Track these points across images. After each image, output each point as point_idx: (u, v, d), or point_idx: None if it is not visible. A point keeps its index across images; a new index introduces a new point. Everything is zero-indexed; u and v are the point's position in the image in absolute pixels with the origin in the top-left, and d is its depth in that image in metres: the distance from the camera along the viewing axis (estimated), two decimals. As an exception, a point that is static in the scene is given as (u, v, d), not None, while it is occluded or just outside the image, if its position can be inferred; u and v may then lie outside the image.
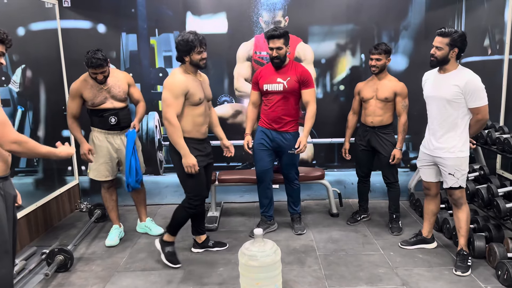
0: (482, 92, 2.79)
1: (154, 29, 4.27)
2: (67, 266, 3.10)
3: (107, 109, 3.40)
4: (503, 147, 3.36)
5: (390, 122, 3.63)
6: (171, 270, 3.11)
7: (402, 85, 3.54)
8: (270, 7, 4.21)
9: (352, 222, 3.91)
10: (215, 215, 4.03)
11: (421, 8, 4.21)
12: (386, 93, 3.52)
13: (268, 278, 2.49)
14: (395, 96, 3.53)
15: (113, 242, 3.52)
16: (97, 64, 3.19)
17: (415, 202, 4.19)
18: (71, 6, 4.17)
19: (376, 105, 3.58)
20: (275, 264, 2.50)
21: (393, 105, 3.58)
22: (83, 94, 3.33)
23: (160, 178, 4.53)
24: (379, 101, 3.57)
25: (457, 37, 2.78)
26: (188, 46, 2.89)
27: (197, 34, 2.92)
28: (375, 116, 3.60)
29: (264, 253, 2.46)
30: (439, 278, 2.91)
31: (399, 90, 3.52)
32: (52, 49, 4.12)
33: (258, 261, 2.44)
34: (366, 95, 3.63)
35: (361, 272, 3.02)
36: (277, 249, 2.55)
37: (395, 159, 3.56)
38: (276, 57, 3.37)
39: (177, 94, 2.88)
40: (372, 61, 3.52)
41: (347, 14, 4.23)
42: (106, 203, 3.66)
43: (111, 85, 3.38)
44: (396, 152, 3.56)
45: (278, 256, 2.53)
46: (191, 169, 2.95)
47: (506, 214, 3.06)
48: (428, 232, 3.36)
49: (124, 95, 3.47)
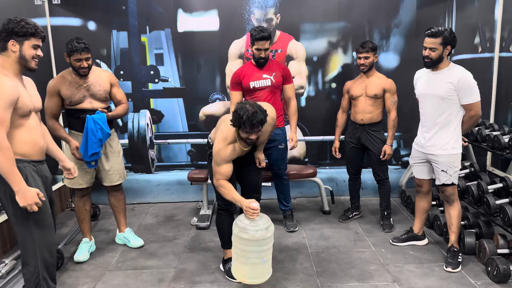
0: (475, 88, 2.81)
1: (145, 27, 4.24)
2: (58, 265, 3.07)
3: (85, 110, 3.11)
4: (493, 144, 3.38)
5: (380, 120, 3.64)
6: (162, 269, 3.10)
7: (390, 81, 3.57)
8: (261, 4, 4.20)
9: (343, 219, 3.92)
10: (207, 213, 4.02)
11: (412, 6, 4.22)
12: (375, 90, 3.54)
13: (256, 252, 2.55)
14: (384, 93, 3.55)
15: (82, 257, 3.22)
16: (82, 48, 2.98)
17: (406, 199, 4.21)
18: (61, 3, 4.13)
19: (366, 102, 3.59)
20: (265, 240, 2.55)
21: (382, 102, 3.60)
22: (60, 91, 3.06)
23: (152, 177, 4.51)
24: (368, 98, 3.57)
25: (448, 35, 2.80)
26: None
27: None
28: (365, 113, 3.61)
29: (255, 228, 2.52)
30: (429, 275, 2.93)
31: (388, 86, 3.54)
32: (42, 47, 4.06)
33: (248, 234, 2.51)
34: (356, 93, 3.63)
35: (352, 269, 3.03)
36: (269, 225, 2.59)
37: (386, 155, 3.58)
38: (263, 57, 3.41)
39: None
40: (360, 60, 3.53)
41: (339, 11, 4.24)
42: (78, 213, 3.35)
43: (91, 83, 3.13)
44: (387, 148, 3.58)
45: (269, 233, 2.56)
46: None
47: (496, 210, 3.09)
48: (419, 229, 3.38)
49: (105, 95, 3.20)
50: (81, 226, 3.40)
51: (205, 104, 4.40)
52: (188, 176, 4.03)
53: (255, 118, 2.46)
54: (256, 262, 2.58)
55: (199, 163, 4.50)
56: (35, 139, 2.34)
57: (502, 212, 3.00)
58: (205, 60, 4.31)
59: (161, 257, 3.30)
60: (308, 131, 4.46)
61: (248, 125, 2.49)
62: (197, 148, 4.49)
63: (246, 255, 2.56)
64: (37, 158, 2.36)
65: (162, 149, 4.50)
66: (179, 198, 4.54)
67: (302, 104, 4.38)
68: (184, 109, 4.41)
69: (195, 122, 4.44)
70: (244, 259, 2.58)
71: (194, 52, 4.29)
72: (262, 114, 2.51)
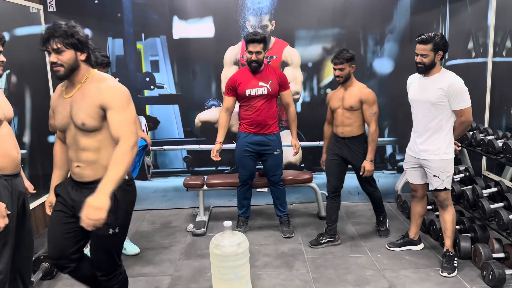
0: (466, 94, 2.83)
1: (140, 34, 4.26)
2: (53, 273, 3.06)
3: None
4: (487, 149, 3.40)
5: (361, 133, 3.42)
6: (158, 277, 3.09)
7: (368, 91, 3.32)
8: (256, 11, 4.23)
9: (314, 244, 3.51)
10: (203, 220, 4.01)
11: (406, 12, 4.25)
12: (350, 101, 3.32)
13: (229, 267, 2.67)
14: (361, 104, 3.32)
15: None
16: (106, 62, 3.01)
17: (402, 204, 4.22)
18: (56, 11, 4.15)
19: (344, 115, 3.37)
20: (237, 255, 2.66)
21: (361, 114, 3.36)
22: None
23: (148, 183, 4.50)
24: (346, 110, 3.35)
25: (439, 40, 2.82)
26: None
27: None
28: (344, 126, 3.39)
29: (227, 244, 2.66)
30: (425, 280, 2.93)
31: (364, 97, 3.29)
32: (37, 54, 4.07)
33: (220, 250, 2.66)
34: (333, 104, 3.45)
35: (348, 275, 3.03)
36: (242, 242, 2.71)
37: (366, 171, 3.36)
38: (255, 60, 3.44)
39: None
40: (335, 71, 3.32)
41: (333, 18, 4.26)
42: None
43: None
44: (366, 164, 3.35)
45: (241, 249, 2.68)
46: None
47: (491, 215, 3.10)
48: (415, 233, 3.38)
49: None
50: None
51: (201, 110, 4.41)
52: (184, 182, 4.03)
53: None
54: (231, 278, 2.69)
55: (195, 169, 4.50)
56: (7, 151, 2.19)
57: (497, 216, 3.01)
58: (201, 67, 4.33)
59: (157, 264, 3.29)
60: (304, 136, 4.47)
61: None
62: (193, 154, 4.49)
63: (221, 271, 2.70)
64: (10, 172, 2.20)
65: (158, 155, 4.50)
66: (175, 205, 4.53)
67: (298, 110, 4.39)
68: (180, 116, 4.42)
69: (191, 128, 4.44)
70: (220, 275, 2.72)
71: (190, 59, 4.31)
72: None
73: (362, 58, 4.34)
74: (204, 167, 4.52)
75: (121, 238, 2.18)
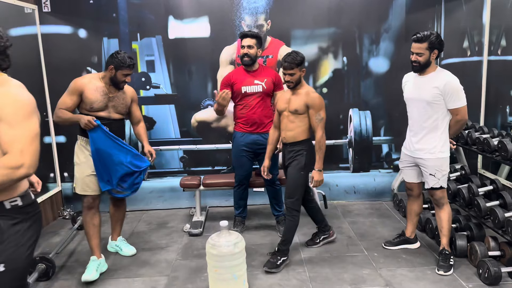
0: (461, 93, 2.84)
1: (136, 34, 4.24)
2: (49, 274, 3.05)
3: (101, 118, 3.04)
4: (482, 147, 3.41)
5: (303, 139, 3.13)
6: (154, 277, 3.08)
7: (315, 96, 3.07)
8: (252, 11, 4.22)
9: (310, 244, 3.49)
10: (200, 220, 4.01)
11: (401, 11, 4.26)
12: (296, 104, 3.07)
13: (225, 267, 2.67)
14: (308, 109, 3.06)
15: (90, 277, 2.99)
16: (132, 63, 3.01)
17: (398, 203, 4.23)
18: (51, 11, 4.12)
19: (288, 118, 3.12)
20: (233, 255, 2.66)
21: (307, 119, 3.10)
22: (84, 93, 2.98)
23: (144, 184, 4.44)
24: (290, 113, 3.10)
25: (434, 39, 2.83)
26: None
27: None
28: (286, 130, 3.14)
29: (223, 244, 2.65)
30: (422, 278, 2.94)
31: (310, 101, 3.03)
32: (33, 55, 4.06)
33: (216, 250, 2.65)
34: (279, 106, 3.19)
35: (345, 274, 3.03)
36: (238, 242, 2.70)
37: (313, 182, 3.13)
38: (247, 54, 3.44)
39: None
40: (285, 76, 3.05)
41: (329, 17, 4.27)
42: (86, 228, 3.12)
43: (117, 95, 3.11)
44: (314, 173, 3.12)
45: (237, 249, 2.67)
46: None
47: (487, 213, 3.11)
48: (411, 232, 3.39)
49: (125, 109, 3.19)
50: (89, 243, 3.16)
51: (197, 110, 4.40)
52: (181, 182, 4.03)
53: None
54: (227, 278, 2.69)
55: (191, 170, 4.50)
56: None
57: (492, 214, 3.02)
58: (197, 67, 4.32)
59: (154, 264, 3.28)
60: (300, 136, 4.47)
61: None
62: (190, 154, 4.49)
63: (217, 271, 2.69)
64: None
65: (154, 156, 4.49)
66: (171, 205, 4.52)
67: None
68: (176, 116, 4.41)
69: (187, 128, 4.44)
70: (216, 275, 2.71)
71: (186, 59, 4.30)
72: None
73: (357, 57, 4.35)
74: (201, 167, 4.52)
75: (9, 281, 1.66)
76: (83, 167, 3.09)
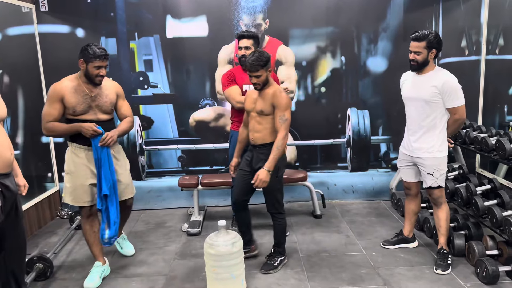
0: (459, 92, 2.84)
1: (133, 33, 4.24)
2: (47, 274, 3.04)
3: (89, 121, 2.83)
4: (481, 146, 3.41)
5: (272, 141, 2.94)
6: (153, 277, 3.08)
7: (282, 96, 2.88)
8: (250, 10, 4.22)
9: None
10: (198, 219, 4.00)
11: (400, 10, 4.26)
12: (261, 105, 2.93)
13: (223, 267, 2.67)
14: (274, 109, 2.91)
15: (92, 284, 2.91)
16: (104, 54, 2.76)
17: (396, 202, 4.23)
18: (49, 10, 4.11)
19: (255, 119, 2.98)
20: (231, 255, 2.66)
21: (274, 120, 2.94)
22: (64, 98, 2.79)
23: (142, 183, 4.48)
24: (257, 114, 2.97)
25: (433, 38, 2.83)
26: None
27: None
28: (254, 132, 3.00)
29: (222, 243, 2.65)
30: (420, 277, 2.94)
31: (276, 101, 2.87)
32: (30, 54, 4.05)
33: (214, 250, 2.65)
34: (247, 106, 3.06)
35: (343, 273, 3.03)
36: (236, 241, 2.70)
37: (258, 181, 2.86)
38: (244, 55, 3.40)
39: None
40: (251, 79, 2.90)
41: (327, 17, 4.27)
42: (85, 236, 3.00)
43: (98, 93, 2.88)
44: (261, 172, 2.86)
45: (235, 248, 2.67)
46: None
47: (484, 212, 3.11)
48: (409, 231, 3.39)
49: (111, 107, 2.97)
50: (91, 250, 3.05)
51: (195, 109, 4.40)
52: (179, 182, 4.02)
53: None
54: (225, 277, 2.68)
55: (189, 169, 4.49)
56: (0, 151, 2.18)
57: (490, 213, 3.02)
58: (195, 66, 4.32)
59: (152, 264, 3.28)
60: (298, 135, 4.47)
61: None
62: (188, 154, 4.48)
63: (215, 270, 2.69)
64: (1, 171, 2.17)
65: (152, 155, 4.49)
66: (169, 205, 4.52)
67: (292, 109, 4.39)
68: (174, 115, 4.41)
69: (185, 128, 4.43)
70: (214, 274, 2.71)
71: (184, 58, 4.30)
72: None
73: (356, 56, 4.35)
74: (199, 167, 4.52)
75: None
76: (75, 177, 2.91)
